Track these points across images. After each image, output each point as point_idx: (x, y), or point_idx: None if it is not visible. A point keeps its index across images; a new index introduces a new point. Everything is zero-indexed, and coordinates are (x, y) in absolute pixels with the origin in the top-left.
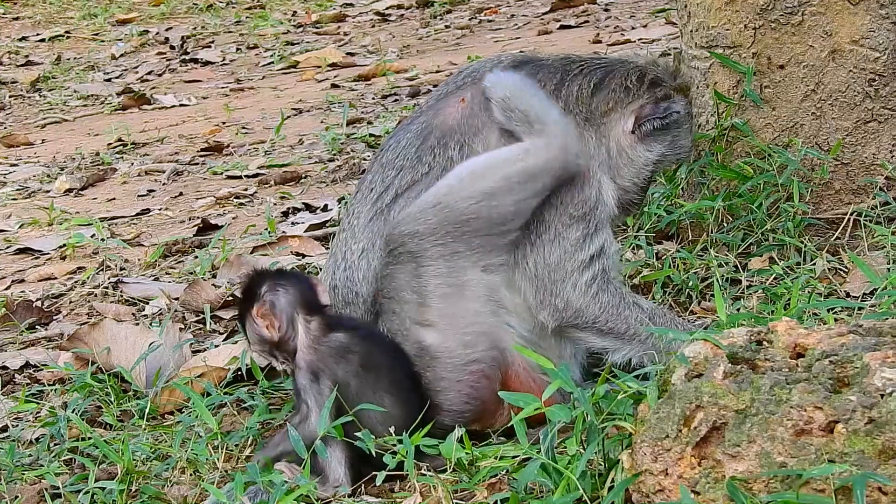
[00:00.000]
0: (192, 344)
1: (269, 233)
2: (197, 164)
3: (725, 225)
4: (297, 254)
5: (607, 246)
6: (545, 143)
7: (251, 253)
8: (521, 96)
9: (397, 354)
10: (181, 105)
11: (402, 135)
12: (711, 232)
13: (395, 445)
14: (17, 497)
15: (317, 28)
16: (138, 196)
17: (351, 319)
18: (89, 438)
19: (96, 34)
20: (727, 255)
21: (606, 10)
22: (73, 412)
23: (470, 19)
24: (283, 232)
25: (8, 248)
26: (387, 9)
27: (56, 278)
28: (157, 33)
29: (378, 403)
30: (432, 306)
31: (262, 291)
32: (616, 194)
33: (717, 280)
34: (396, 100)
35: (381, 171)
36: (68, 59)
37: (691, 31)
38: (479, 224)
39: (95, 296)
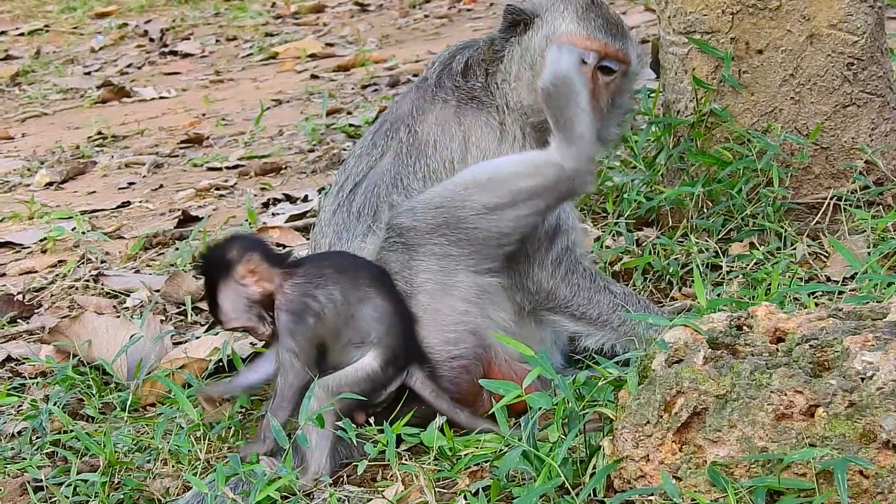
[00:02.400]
0: (173, 336)
1: (250, 224)
2: (177, 156)
3: (705, 211)
4: (278, 244)
5: (563, 220)
6: (561, 160)
7: None
8: (572, 86)
9: (365, 260)
10: (161, 97)
11: (369, 131)
12: (691, 218)
13: (376, 435)
14: None
15: (296, 19)
16: (119, 189)
17: (310, 255)
18: (71, 431)
19: (75, 27)
20: (707, 241)
21: None
22: (54, 405)
23: (449, 8)
24: (264, 223)
25: None
26: None
27: (37, 272)
28: (137, 26)
29: (364, 297)
30: (419, 300)
31: (238, 253)
32: None
33: (698, 266)
34: (376, 90)
35: (346, 165)
36: (48, 53)
37: (669, 16)
38: (478, 235)
39: (76, 289)
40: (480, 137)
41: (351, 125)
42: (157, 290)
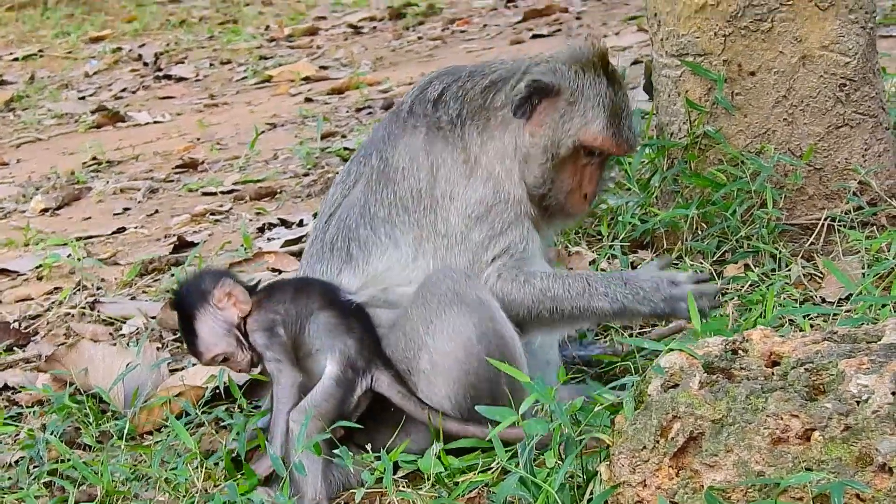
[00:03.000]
0: (169, 363)
1: (245, 249)
2: (172, 181)
3: (700, 233)
4: (274, 270)
5: (514, 246)
6: None
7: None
8: None
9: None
10: (155, 122)
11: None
12: (686, 240)
13: (373, 462)
14: None
15: (290, 42)
16: (114, 214)
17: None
18: (68, 460)
19: (69, 52)
20: (702, 263)
21: (578, 18)
22: (51, 434)
23: (443, 30)
24: (259, 248)
25: None
26: (359, 21)
27: (33, 299)
28: (131, 50)
29: (311, 312)
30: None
31: (211, 281)
32: (523, 190)
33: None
34: (370, 112)
35: (329, 192)
36: (42, 78)
37: (662, 39)
38: None
39: (73, 316)
40: (450, 170)
41: (346, 148)
42: (154, 317)
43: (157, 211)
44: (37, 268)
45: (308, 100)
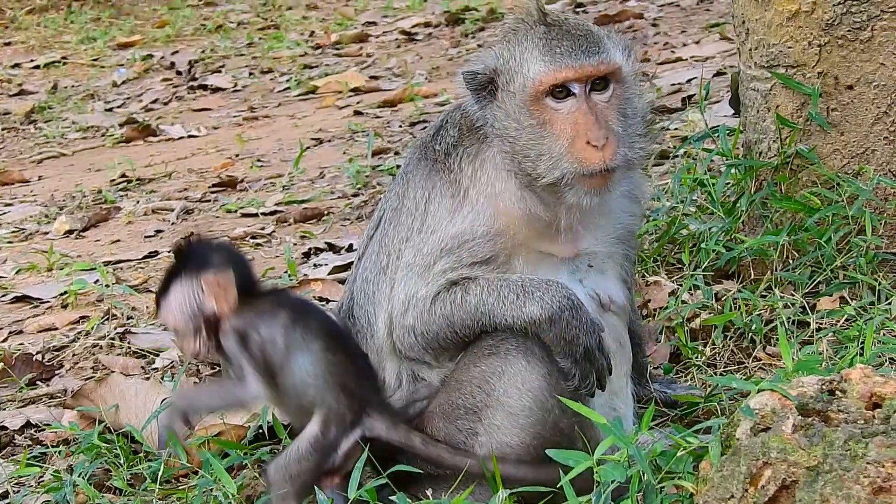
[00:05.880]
0: None
1: (290, 276)
2: (208, 200)
3: (791, 262)
4: (321, 299)
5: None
6: None
7: None
8: None
9: (322, 312)
10: (190, 136)
11: None
12: (776, 270)
13: None
14: None
15: (337, 49)
16: (145, 237)
17: (274, 288)
18: None
19: (95, 59)
20: (793, 295)
21: (654, 24)
22: (79, 476)
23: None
24: (305, 275)
25: (4, 295)
26: (413, 27)
27: (57, 329)
28: (162, 57)
29: (305, 349)
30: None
31: (217, 262)
32: (519, 214)
33: (783, 322)
34: (425, 127)
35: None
36: (65, 88)
37: (750, 49)
38: None
39: (101, 348)
40: (439, 206)
41: (398, 166)
42: None
43: (192, 234)
44: (61, 295)
45: (357, 113)
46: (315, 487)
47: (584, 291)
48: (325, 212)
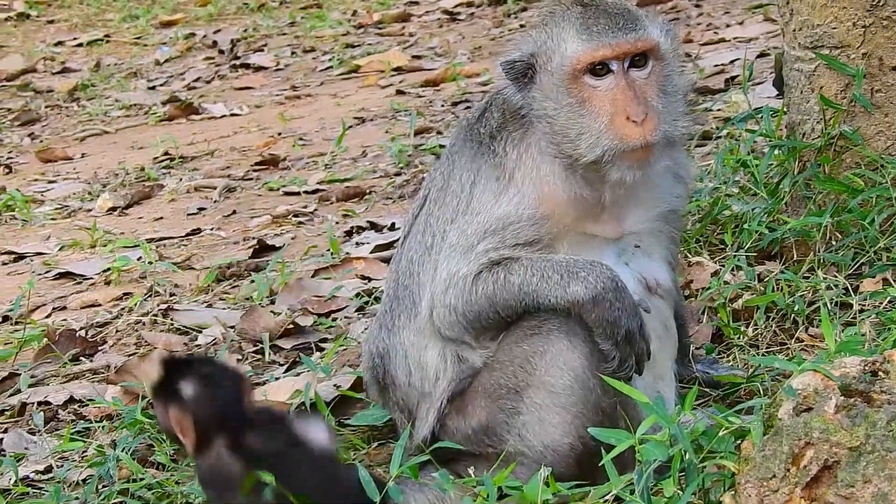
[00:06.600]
0: (250, 376)
1: (332, 254)
2: (251, 179)
3: (834, 243)
4: (363, 277)
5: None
6: None
7: (312, 276)
8: None
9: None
10: (232, 115)
11: None
12: (819, 251)
13: (475, 487)
14: None
15: (379, 28)
16: (188, 215)
17: (261, 437)
18: (141, 479)
19: (138, 38)
20: (836, 277)
21: (698, 5)
22: (122, 451)
23: None
24: (347, 253)
25: (48, 272)
26: (455, 6)
27: (100, 305)
28: (205, 36)
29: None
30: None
31: (185, 392)
32: (565, 198)
33: (826, 304)
34: (468, 107)
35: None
36: (108, 66)
37: (794, 29)
38: None
39: (144, 324)
40: (484, 188)
41: (441, 146)
42: (232, 327)
43: (234, 211)
44: (104, 272)
45: (400, 92)
46: (357, 465)
47: (631, 275)
48: (368, 190)
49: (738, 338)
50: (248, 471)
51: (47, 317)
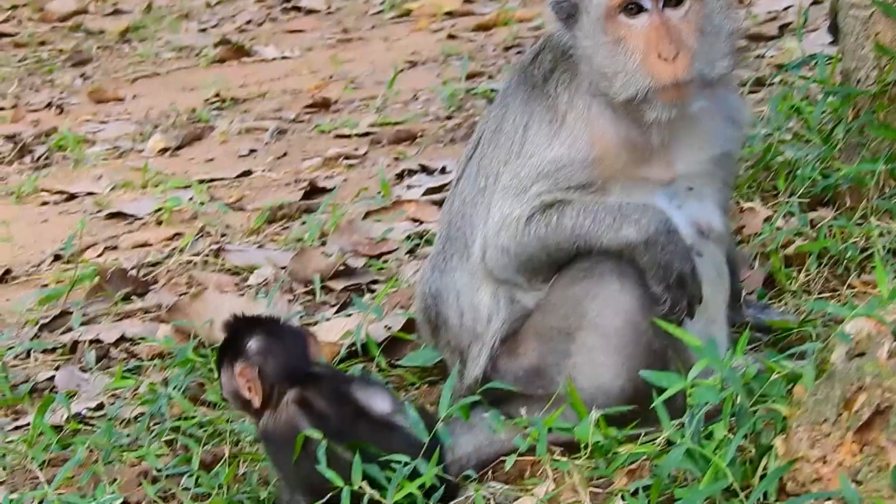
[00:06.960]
0: (301, 317)
1: (383, 196)
2: (302, 121)
3: (887, 190)
4: (414, 220)
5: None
6: None
7: (363, 218)
8: None
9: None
10: (283, 57)
11: None
12: (872, 198)
13: (526, 428)
14: (115, 479)
15: None
16: (239, 156)
17: (327, 391)
18: (192, 417)
19: None
20: (889, 224)
21: None
22: (174, 389)
23: None
24: (398, 196)
25: (99, 211)
26: None
27: (152, 245)
28: None
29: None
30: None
31: (251, 348)
32: (615, 141)
33: (879, 251)
34: (520, 52)
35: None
36: (160, 7)
37: None
38: None
39: (195, 264)
40: (538, 130)
41: (493, 90)
42: (283, 268)
43: (285, 153)
44: (156, 212)
45: (451, 36)
46: (407, 405)
47: (684, 219)
48: (419, 134)
49: (790, 284)
50: (314, 428)
51: (99, 256)
